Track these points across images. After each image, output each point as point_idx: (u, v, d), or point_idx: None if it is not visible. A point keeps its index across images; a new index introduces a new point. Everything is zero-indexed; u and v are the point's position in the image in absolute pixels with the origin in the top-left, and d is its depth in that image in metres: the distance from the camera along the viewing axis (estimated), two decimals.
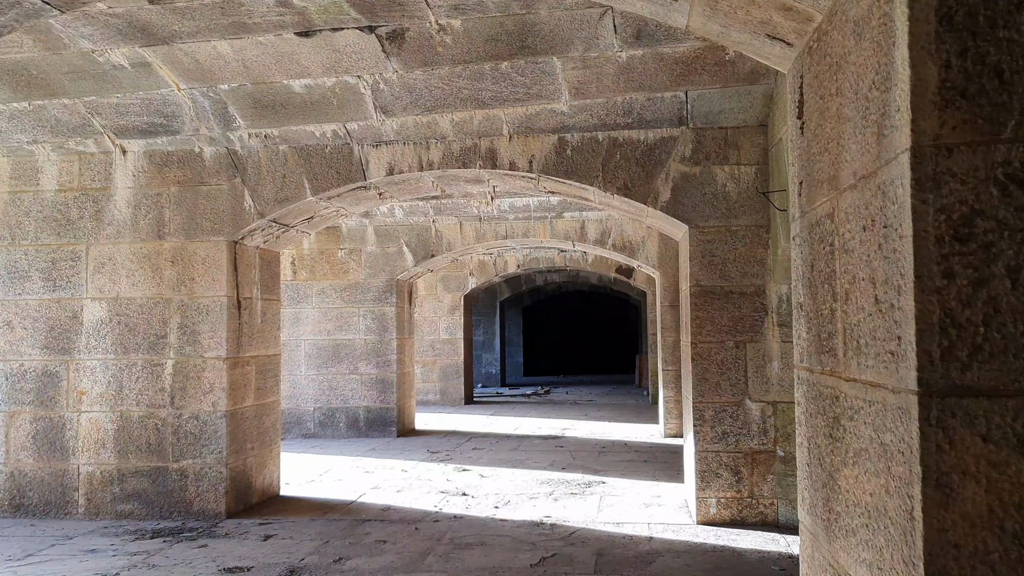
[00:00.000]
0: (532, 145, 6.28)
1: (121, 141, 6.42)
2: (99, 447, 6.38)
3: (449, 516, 6.36)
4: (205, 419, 6.35)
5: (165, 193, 6.47)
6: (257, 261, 6.89)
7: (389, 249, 11.09)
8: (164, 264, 6.44)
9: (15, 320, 6.47)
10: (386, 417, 10.91)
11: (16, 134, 6.35)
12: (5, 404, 6.43)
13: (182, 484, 6.34)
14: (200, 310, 6.40)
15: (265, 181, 6.45)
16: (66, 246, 6.48)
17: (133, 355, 6.40)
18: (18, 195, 6.53)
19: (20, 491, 6.41)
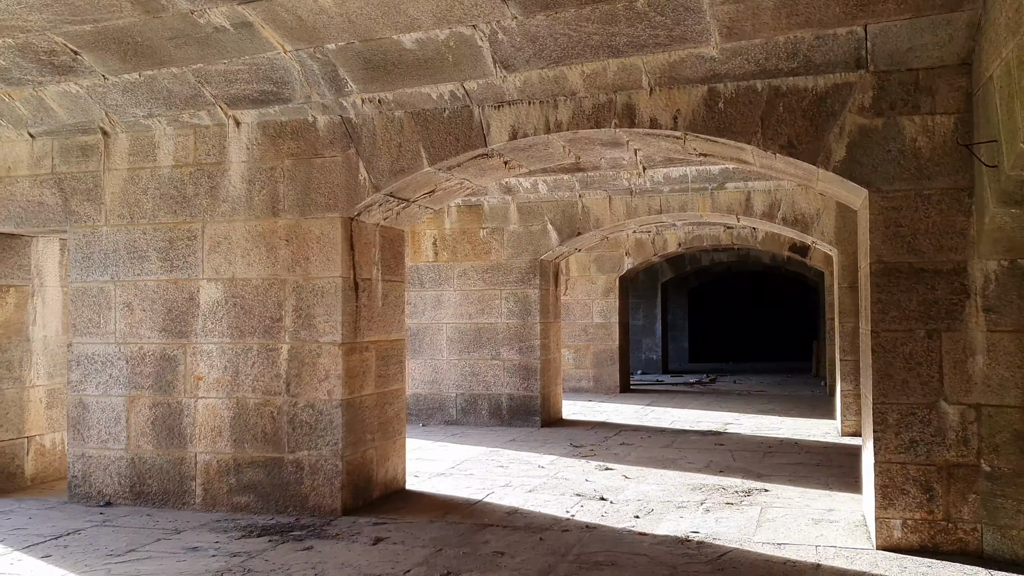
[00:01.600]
0: (677, 98, 5.38)
1: (233, 112, 6.05)
2: (216, 435, 6.08)
3: (581, 525, 5.61)
4: (320, 408, 5.91)
5: (279, 167, 6.05)
6: (377, 240, 6.37)
7: (533, 227, 10.42)
8: (279, 243, 6.03)
9: (135, 302, 6.27)
10: (529, 405, 10.28)
11: (132, 108, 6.11)
12: (125, 388, 6.25)
13: (297, 477, 5.93)
14: (315, 292, 5.95)
15: (380, 151, 5.90)
16: (182, 224, 6.20)
17: (249, 339, 6.04)
18: (136, 172, 6.31)
19: (140, 478, 6.21)
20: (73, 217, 6.42)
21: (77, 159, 6.43)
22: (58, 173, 6.47)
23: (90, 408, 6.33)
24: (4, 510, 6.09)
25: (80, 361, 6.36)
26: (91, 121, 6.27)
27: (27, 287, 6.95)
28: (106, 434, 6.29)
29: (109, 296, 6.32)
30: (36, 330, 7.01)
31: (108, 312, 6.32)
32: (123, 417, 6.26)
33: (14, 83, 5.98)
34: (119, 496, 6.24)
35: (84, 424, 6.34)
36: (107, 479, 6.27)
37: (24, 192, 6.53)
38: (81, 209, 6.41)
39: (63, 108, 6.19)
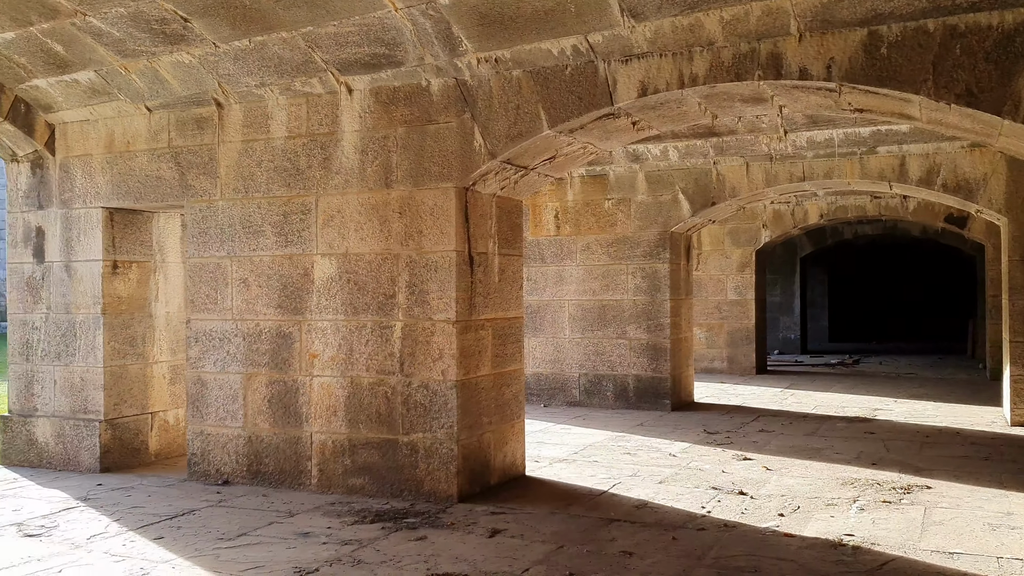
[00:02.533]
0: (831, 44, 4.71)
1: (345, 78, 5.76)
2: (331, 415, 5.86)
3: (718, 523, 5.08)
4: (434, 389, 5.59)
5: (392, 135, 5.73)
6: (493, 211, 5.98)
7: (662, 197, 9.80)
8: (392, 216, 5.72)
9: (251, 278, 6.11)
10: (658, 387, 9.73)
11: (244, 77, 5.91)
12: (243, 365, 6.12)
13: (412, 460, 5.64)
14: (428, 267, 5.62)
15: (497, 115, 5.48)
16: (296, 198, 5.99)
17: (363, 316, 5.78)
18: (250, 144, 6.14)
19: (257, 457, 6.08)
20: (190, 191, 6.32)
21: (192, 132, 6.32)
22: (175, 147, 6.38)
23: (208, 385, 6.24)
24: (126, 486, 6.09)
25: (198, 338, 6.27)
26: (204, 92, 6.13)
27: (149, 263, 6.94)
28: (224, 412, 6.19)
29: (226, 272, 6.19)
30: (158, 306, 7.00)
31: (225, 288, 6.19)
32: (240, 395, 6.13)
33: (129, 55, 5.89)
34: (236, 475, 6.13)
35: (203, 401, 6.26)
36: (225, 457, 6.18)
37: (143, 166, 6.48)
38: (197, 183, 6.30)
39: (177, 79, 6.06)
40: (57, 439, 6.69)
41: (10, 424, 6.90)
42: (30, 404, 6.85)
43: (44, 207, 6.83)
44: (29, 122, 6.65)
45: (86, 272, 6.62)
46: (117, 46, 5.80)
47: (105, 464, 6.55)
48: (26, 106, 6.62)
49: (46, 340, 6.77)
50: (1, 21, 5.66)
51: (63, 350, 6.70)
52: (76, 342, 6.65)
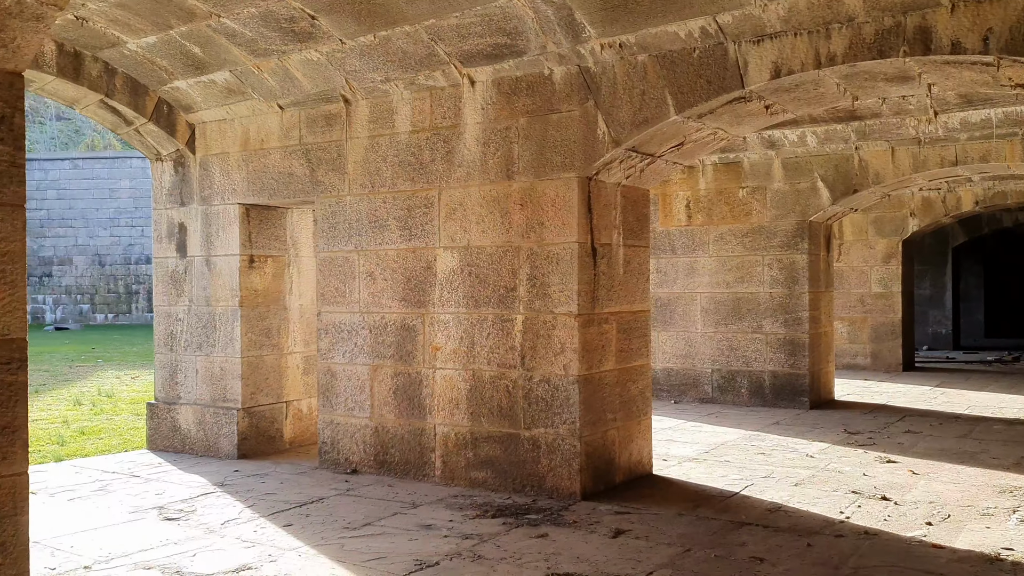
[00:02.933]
0: (988, 13, 4.30)
1: (468, 70, 5.73)
2: (453, 407, 5.86)
3: (858, 531, 4.76)
4: (556, 384, 5.49)
5: (514, 126, 5.66)
6: (618, 201, 5.81)
7: (800, 185, 9.34)
8: (513, 208, 5.65)
9: (376, 271, 6.19)
10: (796, 385, 9.29)
11: (370, 73, 5.98)
12: (369, 357, 6.20)
13: (534, 455, 5.57)
14: (550, 259, 5.52)
15: (621, 101, 5.31)
16: (420, 192, 6.01)
17: (484, 309, 5.75)
18: (376, 139, 6.20)
19: (383, 448, 6.16)
20: (320, 187, 6.46)
21: (322, 129, 6.45)
22: (305, 143, 6.53)
23: (337, 376, 6.37)
24: (261, 473, 6.29)
25: (328, 330, 6.41)
26: (333, 89, 6.23)
27: (283, 257, 7.15)
28: (352, 402, 6.30)
29: (353, 265, 6.29)
30: (292, 299, 7.21)
31: (352, 281, 6.30)
32: (367, 386, 6.23)
33: (260, 54, 6.05)
34: (364, 464, 6.23)
35: (332, 391, 6.39)
36: (353, 447, 6.29)
37: (275, 164, 6.67)
38: (326, 179, 6.42)
39: (307, 77, 6.19)
40: (198, 426, 7.00)
41: (156, 411, 7.27)
42: (174, 392, 7.19)
43: (186, 204, 7.14)
44: (171, 122, 6.97)
45: (225, 266, 6.89)
46: (250, 46, 5.97)
47: (242, 451, 6.79)
48: (168, 107, 6.94)
49: (188, 331, 7.09)
50: (143, 26, 5.93)
51: (204, 341, 7.00)
52: (216, 333, 6.93)
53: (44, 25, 2.46)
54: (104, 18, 5.88)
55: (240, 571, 4.14)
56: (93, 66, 6.46)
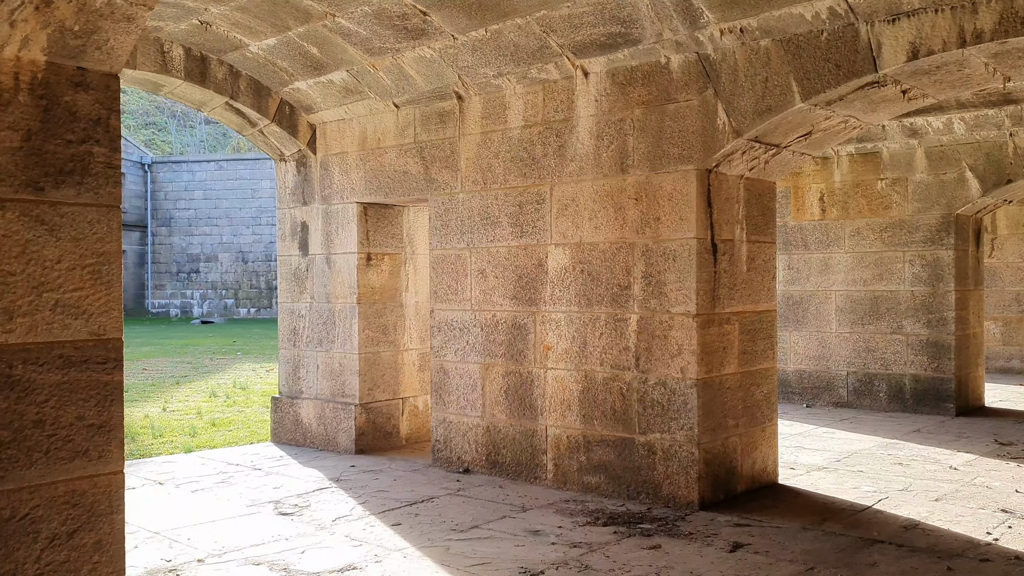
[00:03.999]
0: None
1: (581, 61, 5.55)
2: (565, 409, 5.71)
3: (1007, 555, 4.31)
4: (673, 387, 5.25)
5: (628, 118, 5.44)
6: (741, 194, 5.50)
7: (945, 176, 8.67)
8: (627, 202, 5.44)
9: (488, 269, 6.10)
10: (940, 390, 8.64)
11: (482, 68, 5.89)
12: (481, 356, 6.13)
13: (649, 461, 5.35)
14: (666, 256, 5.27)
15: (742, 89, 5.01)
16: (531, 187, 5.88)
17: (596, 308, 5.56)
18: (488, 135, 6.11)
19: (495, 447, 6.07)
20: (433, 185, 6.43)
21: (435, 126, 6.42)
22: (419, 141, 6.51)
23: (450, 374, 6.33)
24: (375, 469, 6.32)
25: (441, 327, 6.38)
26: (446, 86, 6.19)
27: (400, 255, 7.18)
28: (464, 401, 6.24)
29: (465, 263, 6.23)
30: (408, 296, 7.23)
31: (464, 279, 6.24)
32: (479, 385, 6.16)
33: (375, 52, 6.07)
34: (476, 464, 6.17)
35: (445, 390, 6.36)
36: (465, 446, 6.23)
37: (391, 162, 6.69)
38: (440, 176, 6.39)
39: (420, 74, 6.17)
40: (319, 420, 7.12)
41: (280, 405, 7.44)
42: (296, 387, 7.35)
43: (307, 203, 7.28)
44: (293, 123, 7.10)
45: (343, 264, 6.97)
46: (364, 45, 5.99)
47: (360, 446, 6.86)
48: (290, 108, 7.08)
49: (310, 327, 7.22)
50: (263, 28, 6.05)
51: (324, 337, 7.11)
52: (335, 330, 7.03)
53: (135, 26, 2.46)
54: (226, 22, 6.03)
55: (345, 571, 4.13)
56: (218, 69, 6.65)
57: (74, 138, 2.48)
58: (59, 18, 2.36)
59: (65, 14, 2.36)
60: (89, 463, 2.53)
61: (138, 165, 35.47)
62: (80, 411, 2.51)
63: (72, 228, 2.48)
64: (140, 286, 35.39)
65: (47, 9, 2.32)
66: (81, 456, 2.52)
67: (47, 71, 2.41)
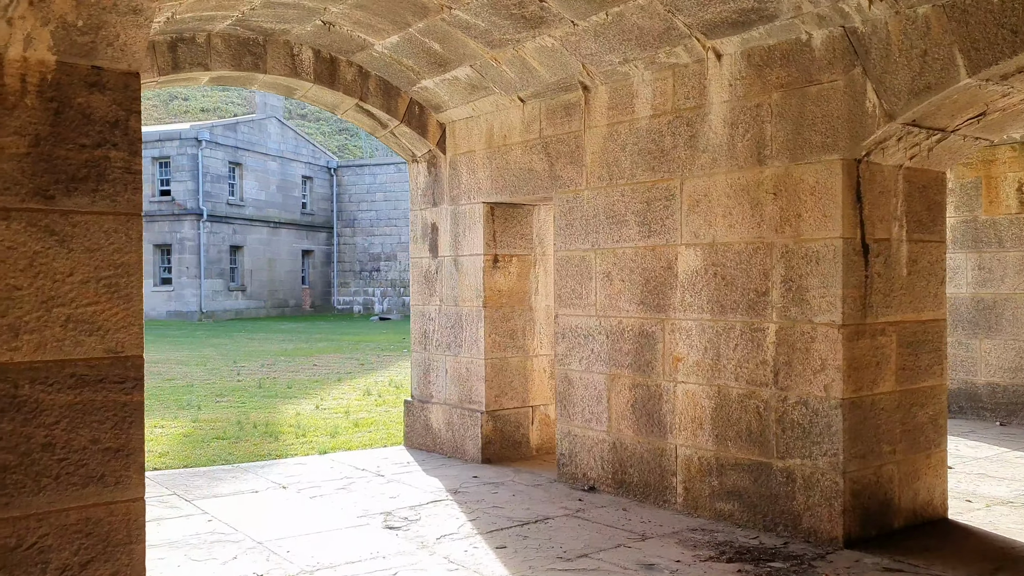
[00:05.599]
0: None
1: (712, 43, 5.01)
2: (696, 427, 5.19)
3: None
4: (815, 407, 4.62)
5: (765, 103, 4.85)
6: (899, 186, 4.78)
7: None
8: (764, 198, 4.85)
9: (613, 271, 5.67)
10: None
11: (606, 55, 5.46)
12: (606, 365, 5.71)
13: (788, 490, 4.74)
14: (808, 258, 4.65)
15: (895, 65, 4.31)
16: (660, 182, 5.39)
17: (730, 316, 5.01)
18: (615, 127, 5.67)
19: (621, 465, 5.63)
20: (558, 182, 6.06)
21: (561, 120, 6.05)
22: (544, 137, 6.17)
23: (574, 384, 5.94)
24: (497, 481, 6.04)
25: (565, 334, 6.01)
26: (571, 77, 5.80)
27: (529, 256, 6.87)
28: (589, 413, 5.84)
29: (590, 265, 5.82)
30: (538, 299, 6.90)
31: (589, 282, 5.83)
32: (604, 396, 5.74)
33: (496, 45, 5.78)
34: (602, 481, 5.75)
35: (569, 400, 5.99)
36: (591, 462, 5.83)
37: (516, 159, 6.38)
38: (564, 173, 6.02)
39: (543, 66, 5.82)
40: (447, 427, 6.93)
41: (411, 409, 7.33)
42: (427, 391, 7.20)
43: (437, 204, 7.11)
44: (423, 123, 6.95)
45: (470, 266, 6.74)
46: (484, 37, 5.72)
47: (486, 455, 6.61)
48: (419, 108, 6.92)
49: (439, 331, 7.05)
50: (384, 26, 5.90)
51: (452, 341, 6.92)
52: (462, 333, 6.81)
53: (144, 18, 2.27)
54: (348, 21, 5.93)
55: None
56: (347, 71, 6.59)
57: (88, 142, 2.33)
58: (58, 13, 2.20)
59: (64, 8, 2.19)
60: (105, 489, 2.38)
61: (325, 169, 37.25)
62: (95, 434, 2.36)
63: (86, 238, 2.33)
64: (327, 284, 37.15)
65: (42, 3, 2.16)
66: (96, 482, 2.36)
67: (58, 71, 2.26)
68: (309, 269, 36.21)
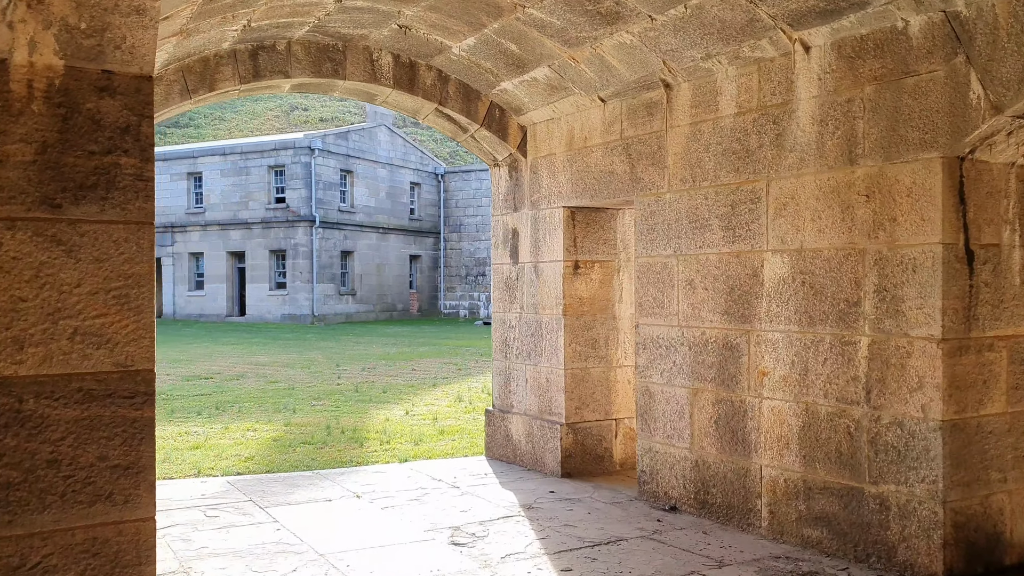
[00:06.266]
0: None
1: (799, 34, 4.66)
2: (782, 446, 4.84)
3: None
4: (911, 429, 4.21)
5: (857, 97, 4.47)
6: (1011, 187, 4.32)
7: None
8: (856, 200, 4.47)
9: (696, 279, 5.36)
10: None
11: (687, 50, 5.18)
12: (688, 379, 5.40)
13: (881, 518, 4.34)
14: (903, 265, 4.25)
15: (1004, 52, 3.88)
16: (745, 184, 5.06)
17: (819, 328, 4.64)
18: (698, 126, 5.37)
19: (704, 485, 5.32)
20: (639, 185, 5.80)
21: (642, 119, 5.78)
22: (626, 138, 5.91)
23: (655, 398, 5.66)
24: (574, 498, 5.81)
25: (646, 344, 5.73)
26: (651, 74, 5.54)
27: (612, 263, 6.61)
28: (671, 429, 5.55)
29: (672, 272, 5.53)
30: (622, 307, 6.64)
31: (671, 290, 5.54)
32: (686, 411, 5.43)
33: (573, 43, 5.57)
34: (684, 501, 5.45)
35: (650, 415, 5.71)
36: (672, 480, 5.54)
37: (597, 162, 6.14)
38: (646, 175, 5.75)
39: (623, 64, 5.58)
40: (527, 438, 6.75)
41: (492, 419, 7.18)
42: (507, 401, 7.03)
43: (518, 209, 6.94)
44: (503, 126, 6.80)
45: (550, 273, 6.54)
46: (560, 36, 5.52)
47: (566, 469, 6.39)
48: (500, 111, 6.78)
49: (519, 339, 6.88)
50: (459, 27, 5.78)
51: (532, 350, 6.73)
52: (542, 342, 6.62)
53: (149, 19, 2.18)
54: (423, 23, 5.84)
55: None
56: (427, 75, 6.51)
57: (98, 149, 2.26)
58: (59, 15, 2.13)
59: (64, 10, 2.12)
60: (113, 508, 2.30)
61: (432, 175, 37.76)
62: (102, 450, 2.28)
63: (94, 248, 2.26)
64: (433, 288, 37.63)
65: (40, 6, 2.10)
66: (104, 500, 2.29)
67: (66, 76, 2.20)
68: (416, 274, 36.75)
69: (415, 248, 36.57)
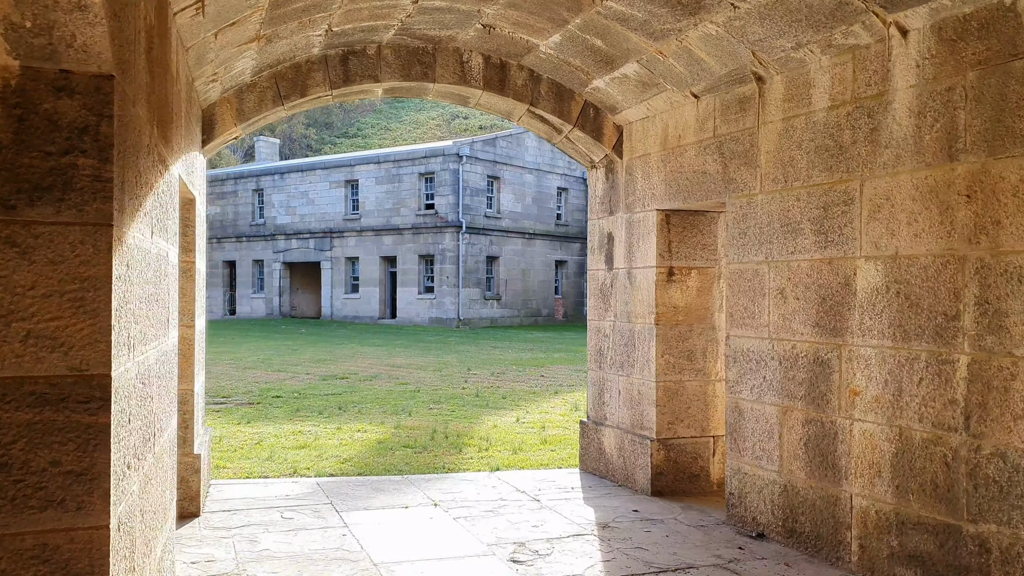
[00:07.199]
0: None
1: (894, 17, 4.19)
2: (874, 474, 4.36)
3: None
4: (1015, 462, 3.67)
5: (959, 85, 3.96)
6: None
7: None
8: (955, 200, 3.95)
9: (787, 287, 4.94)
10: None
11: (776, 40, 4.78)
12: (778, 396, 4.98)
13: (982, 562, 3.81)
14: (1008, 275, 3.71)
15: None
16: (838, 184, 4.61)
17: (914, 344, 4.14)
18: (790, 122, 4.95)
19: (792, 511, 4.88)
20: (731, 186, 5.42)
21: (735, 116, 5.40)
22: (719, 136, 5.54)
23: (744, 415, 5.26)
24: (657, 518, 5.49)
25: (736, 357, 5.34)
26: (742, 67, 5.16)
27: (711, 269, 6.22)
28: (759, 449, 5.14)
29: (763, 280, 5.13)
30: (722, 317, 6.24)
31: (761, 300, 5.14)
32: (776, 431, 5.01)
33: (657, 36, 5.27)
34: (772, 528, 5.03)
35: (739, 433, 5.31)
36: (760, 504, 5.13)
37: (690, 162, 5.80)
38: (738, 175, 5.36)
39: (711, 56, 5.23)
40: (619, 452, 6.46)
41: (586, 431, 6.93)
42: (601, 412, 6.77)
43: (613, 212, 6.67)
44: (598, 126, 6.55)
45: (643, 279, 6.24)
46: (643, 29, 5.24)
47: (657, 487, 6.06)
48: (594, 110, 6.54)
49: (613, 348, 6.60)
50: (542, 24, 5.60)
51: (624, 360, 6.44)
52: (635, 352, 6.32)
53: (93, 15, 2.14)
54: (506, 21, 5.70)
55: None
56: (517, 75, 6.36)
57: (55, 149, 2.24)
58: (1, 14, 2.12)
59: (4, 8, 2.10)
60: (65, 515, 2.27)
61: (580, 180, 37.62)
62: (55, 455, 2.26)
63: (49, 250, 2.24)
64: (579, 294, 37.45)
65: None
66: (55, 506, 2.25)
67: (23, 76, 2.19)
68: (562, 279, 36.68)
69: (561, 254, 36.52)
